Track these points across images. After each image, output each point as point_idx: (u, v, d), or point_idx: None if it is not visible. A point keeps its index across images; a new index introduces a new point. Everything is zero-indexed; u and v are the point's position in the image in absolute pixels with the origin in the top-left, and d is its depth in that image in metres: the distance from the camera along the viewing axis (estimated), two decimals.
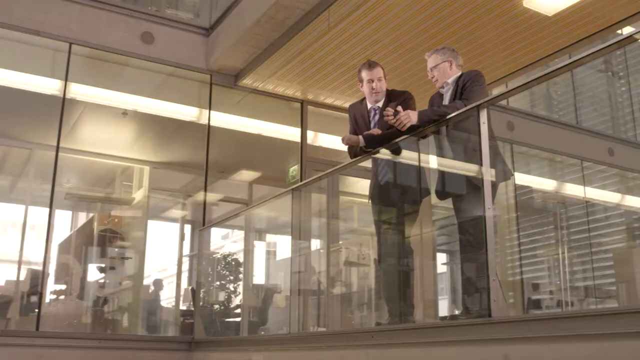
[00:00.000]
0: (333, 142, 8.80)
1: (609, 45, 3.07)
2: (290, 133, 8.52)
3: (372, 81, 4.56)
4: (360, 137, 4.48)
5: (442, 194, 4.27)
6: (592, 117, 12.18)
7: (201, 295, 8.03)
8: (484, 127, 3.59)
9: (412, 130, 4.04)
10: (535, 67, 6.94)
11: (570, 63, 3.43)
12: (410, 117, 3.95)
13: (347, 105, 8.43)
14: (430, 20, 6.26)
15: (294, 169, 8.57)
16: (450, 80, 4.28)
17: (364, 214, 9.88)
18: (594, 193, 11.09)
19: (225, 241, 13.09)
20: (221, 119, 8.12)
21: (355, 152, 4.64)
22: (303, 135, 8.37)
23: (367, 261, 8.55)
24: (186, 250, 9.73)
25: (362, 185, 8.59)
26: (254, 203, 9.37)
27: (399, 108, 4.01)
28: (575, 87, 11.59)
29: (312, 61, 7.23)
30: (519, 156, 9.79)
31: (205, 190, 7.85)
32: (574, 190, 10.99)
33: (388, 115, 3.99)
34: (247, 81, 7.89)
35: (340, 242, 8.02)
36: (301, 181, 8.14)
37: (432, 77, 4.36)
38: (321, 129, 8.68)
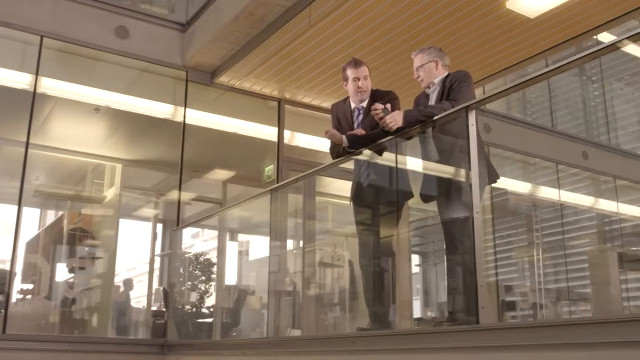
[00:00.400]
0: (310, 141, 8.72)
1: (592, 52, 3.09)
2: (267, 132, 8.39)
3: (358, 79, 4.45)
4: (344, 137, 4.36)
5: (427, 197, 4.18)
6: (566, 120, 12.25)
7: (174, 296, 7.86)
8: (472, 129, 3.51)
9: (397, 131, 3.95)
10: (516, 69, 6.93)
11: (558, 67, 3.36)
12: (396, 120, 3.85)
13: (325, 104, 8.39)
14: (412, 19, 6.19)
15: (270, 169, 8.46)
16: (436, 81, 4.19)
17: (338, 214, 9.86)
18: (567, 196, 11.15)
19: (195, 240, 12.92)
20: (196, 117, 7.94)
21: (337, 152, 4.52)
22: (280, 135, 8.25)
23: (341, 262, 8.52)
24: (158, 249, 9.57)
25: (338, 186, 8.52)
26: (228, 202, 9.26)
27: (388, 106, 3.90)
28: (551, 89, 11.63)
29: (291, 59, 7.11)
30: (494, 158, 9.77)
31: (180, 189, 7.67)
32: (548, 192, 11.03)
33: (376, 110, 3.87)
34: (223, 79, 7.74)
35: (316, 243, 7.94)
36: (277, 181, 8.04)
37: (418, 77, 4.27)
38: (298, 128, 8.57)
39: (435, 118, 3.82)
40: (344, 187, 8.54)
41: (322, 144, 8.77)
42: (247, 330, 7.96)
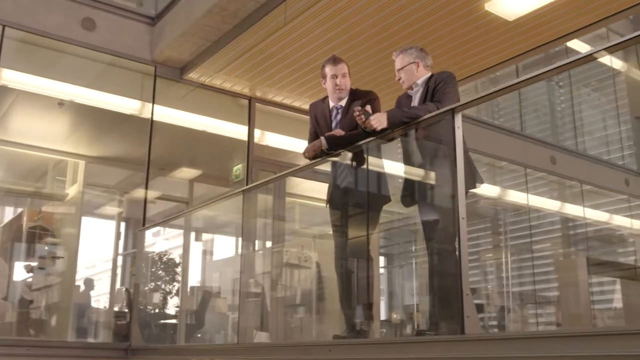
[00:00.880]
0: (281, 141, 8.56)
1: (570, 62, 3.12)
2: (237, 131, 8.20)
3: (336, 77, 4.31)
4: (322, 138, 4.20)
5: (408, 201, 4.05)
6: (535, 124, 12.31)
7: (138, 297, 7.63)
8: (458, 132, 3.40)
9: (379, 132, 3.81)
10: (492, 71, 6.90)
11: (546, 72, 3.28)
12: (380, 121, 3.72)
13: (296, 104, 8.26)
14: (389, 19, 6.08)
15: (238, 168, 8.29)
16: (419, 82, 4.07)
17: (306, 215, 9.75)
18: (535, 200, 11.19)
19: (158, 238, 12.66)
20: (164, 114, 7.72)
21: (315, 154, 4.37)
22: (250, 134, 8.06)
23: (309, 263, 8.40)
24: (121, 249, 9.33)
25: (307, 187, 8.41)
26: (194, 202, 9.07)
27: (368, 108, 3.77)
28: (520, 93, 11.67)
29: (264, 57, 6.94)
30: None
31: (147, 187, 7.45)
32: (516, 196, 11.05)
33: (358, 114, 3.74)
34: (193, 75, 7.53)
35: (284, 244, 7.84)
36: (247, 181, 7.88)
37: (399, 79, 4.15)
38: (269, 127, 8.41)
39: (419, 120, 3.70)
40: (313, 188, 8.50)
41: (293, 144, 8.66)
42: (212, 333, 7.78)
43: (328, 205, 4.47)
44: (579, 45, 12.05)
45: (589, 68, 12.86)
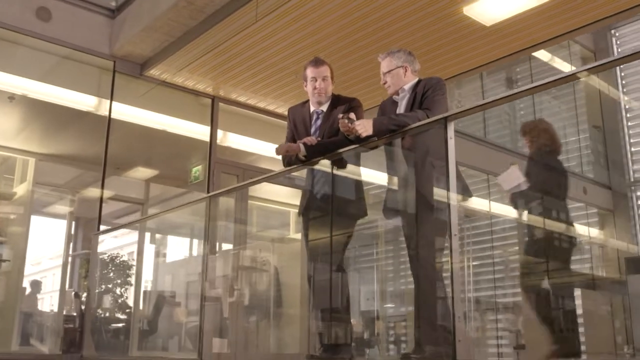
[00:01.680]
0: (244, 143, 8.29)
1: (562, 77, 3.10)
2: (198, 131, 7.88)
3: (316, 80, 4.03)
4: (301, 144, 3.94)
5: (391, 213, 3.83)
6: (496, 129, 12.30)
7: (91, 306, 7.27)
8: (451, 143, 3.20)
9: (363, 139, 3.58)
10: (467, 76, 6.78)
11: (537, 86, 3.15)
12: (366, 128, 3.48)
13: (261, 104, 7.99)
14: (363, 20, 5.89)
15: (197, 170, 7.99)
16: (406, 87, 3.84)
17: (264, 218, 9.51)
18: (496, 207, 11.15)
19: (105, 236, 12.21)
20: (122, 111, 7.35)
21: (289, 160, 4.10)
22: (213, 134, 7.75)
23: (267, 267, 8.19)
24: (72, 249, 8.93)
25: (268, 190, 8.17)
26: (150, 202, 8.75)
27: (352, 115, 3.53)
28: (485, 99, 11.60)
29: (230, 55, 6.65)
30: None
31: (103, 187, 7.08)
32: (477, 203, 10.99)
33: (342, 118, 3.50)
34: (154, 71, 7.18)
35: (245, 247, 7.63)
36: (207, 183, 7.59)
37: (385, 83, 3.91)
38: (232, 128, 8.11)
39: (407, 128, 3.48)
40: (272, 190, 8.28)
41: (257, 146, 8.41)
42: (165, 339, 7.48)
43: (301, 216, 4.21)
44: (542, 54, 12.18)
45: (551, 75, 12.91)
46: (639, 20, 12.07)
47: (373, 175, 4.40)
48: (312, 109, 4.12)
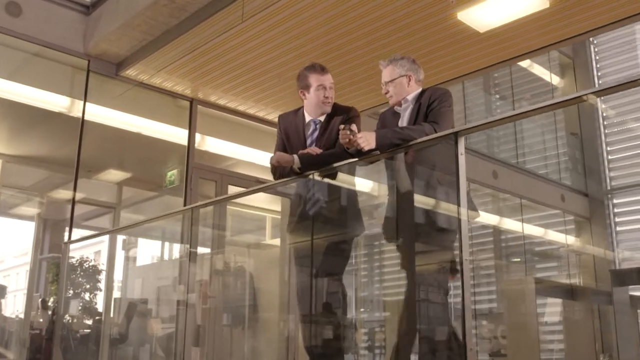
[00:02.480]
0: (223, 147, 8.02)
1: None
2: (174, 134, 7.58)
3: (325, 88, 3.77)
4: (295, 156, 3.67)
5: (392, 233, 3.59)
6: (474, 135, 12.17)
7: (60, 312, 6.95)
8: (461, 159, 2.98)
9: (364, 153, 3.34)
10: (457, 82, 6.61)
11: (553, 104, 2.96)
12: (368, 141, 3.24)
13: (241, 108, 7.70)
14: (354, 22, 5.66)
15: (173, 174, 7.70)
16: (410, 97, 3.60)
17: (239, 224, 9.26)
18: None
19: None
20: (96, 112, 7.00)
21: (281, 171, 3.82)
22: (191, 138, 7.44)
23: (241, 271, 8.01)
24: (40, 253, 8.59)
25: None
26: (122, 206, 8.44)
27: (354, 127, 3.28)
28: (467, 107, 11.50)
29: (212, 56, 6.36)
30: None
31: (75, 189, 6.75)
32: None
33: (342, 131, 3.25)
34: (131, 72, 6.84)
35: (222, 254, 7.43)
36: (185, 189, 7.31)
37: (386, 92, 3.67)
38: (210, 131, 7.82)
39: (413, 143, 3.24)
40: (250, 197, 8.03)
41: (236, 151, 8.14)
42: (136, 347, 7.20)
43: (290, 234, 3.93)
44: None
45: (529, 81, 12.89)
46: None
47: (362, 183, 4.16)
48: (307, 118, 3.85)
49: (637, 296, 5.19)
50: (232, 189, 7.70)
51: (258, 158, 8.09)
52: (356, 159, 3.45)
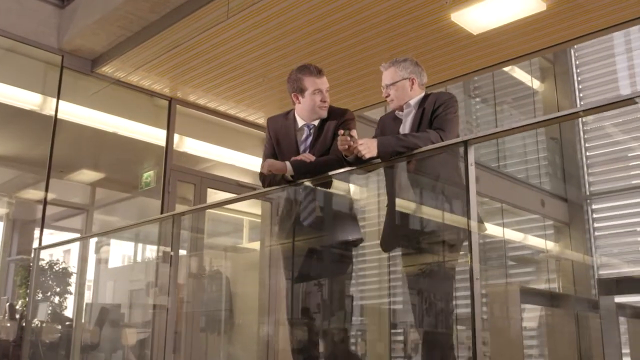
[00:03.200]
0: (202, 149, 7.76)
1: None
2: (152, 134, 7.30)
3: (321, 92, 3.52)
4: (287, 163, 3.42)
5: (391, 244, 3.36)
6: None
7: (30, 318, 6.69)
8: (471, 170, 2.77)
9: (364, 161, 3.11)
10: (448, 84, 6.44)
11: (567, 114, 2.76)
12: (370, 148, 3.01)
13: (222, 108, 7.43)
14: (345, 21, 5.44)
15: (149, 175, 7.43)
16: (412, 102, 3.38)
17: (215, 227, 9.03)
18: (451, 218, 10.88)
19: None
20: (69, 111, 6.70)
21: (271, 180, 3.57)
22: (169, 138, 7.16)
23: (218, 275, 7.84)
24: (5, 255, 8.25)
25: (222, 197, 7.66)
26: (96, 207, 8.15)
27: (354, 132, 3.05)
28: None
29: (193, 54, 6.11)
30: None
31: (47, 190, 6.47)
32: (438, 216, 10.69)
33: (342, 137, 3.02)
34: (107, 69, 6.55)
35: (199, 258, 7.23)
36: (162, 191, 7.05)
37: (387, 96, 3.44)
38: (189, 132, 7.55)
39: (418, 151, 3.02)
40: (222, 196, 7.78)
41: (216, 153, 7.89)
42: (108, 353, 6.92)
43: (281, 246, 3.68)
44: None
45: (510, 85, 12.81)
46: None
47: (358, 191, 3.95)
48: (299, 122, 3.60)
49: (621, 303, 5.15)
50: (211, 193, 7.45)
51: (238, 160, 7.85)
52: (354, 168, 3.22)
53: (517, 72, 12.93)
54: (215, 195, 7.49)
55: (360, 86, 6.65)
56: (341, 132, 3.04)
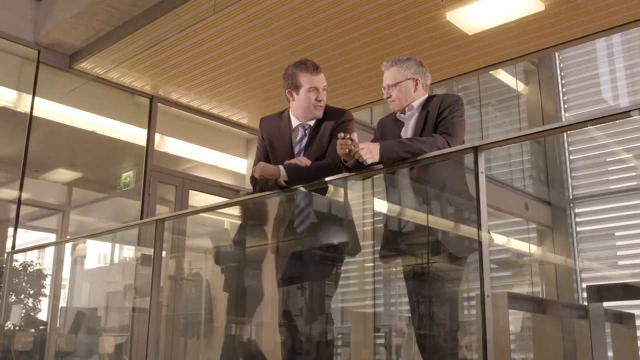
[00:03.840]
0: (184, 149, 7.53)
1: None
2: (132, 133, 7.05)
3: (317, 90, 3.32)
4: (281, 167, 3.21)
5: (391, 256, 3.17)
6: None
7: (0, 320, 6.44)
8: (482, 178, 2.59)
9: (364, 167, 2.91)
10: (440, 85, 6.27)
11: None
12: (372, 153, 2.81)
13: (205, 107, 7.20)
14: (337, 18, 5.24)
15: (128, 176, 7.19)
16: (415, 104, 3.18)
17: (194, 228, 8.82)
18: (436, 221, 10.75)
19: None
20: (45, 108, 6.43)
21: (263, 185, 3.35)
22: (150, 138, 6.91)
23: (197, 278, 7.67)
24: None
25: (202, 198, 7.45)
26: (72, 208, 7.89)
27: (355, 136, 2.84)
28: None
29: (176, 51, 5.86)
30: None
31: (21, 189, 6.24)
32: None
33: (342, 140, 2.82)
34: (86, 65, 6.28)
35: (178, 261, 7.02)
36: (143, 193, 6.81)
37: (389, 97, 3.24)
38: (170, 132, 7.31)
39: (422, 157, 2.82)
40: (208, 200, 7.57)
41: (198, 153, 7.66)
42: (84, 358, 6.70)
43: (274, 254, 3.47)
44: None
45: (494, 86, 12.73)
46: None
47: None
48: (294, 122, 3.38)
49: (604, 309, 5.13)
50: (193, 194, 7.22)
51: (221, 161, 7.63)
52: (353, 174, 3.02)
53: (502, 74, 12.85)
54: (196, 197, 7.26)
55: (347, 87, 6.47)
56: (341, 135, 2.84)
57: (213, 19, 5.23)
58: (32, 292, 8.38)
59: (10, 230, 6.50)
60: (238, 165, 7.89)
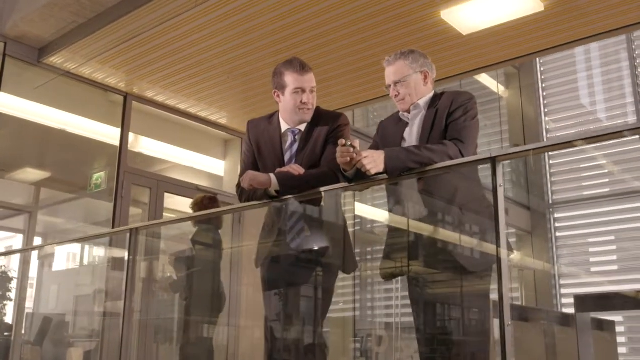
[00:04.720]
0: (159, 149, 7.23)
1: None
2: (104, 132, 6.75)
3: (303, 91, 3.02)
4: (272, 176, 2.91)
5: (394, 273, 2.89)
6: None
7: None
8: (500, 191, 2.33)
9: (366, 178, 2.64)
10: (436, 86, 6.05)
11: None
12: (376, 162, 2.53)
13: (182, 106, 6.90)
14: (325, 15, 4.98)
15: (99, 177, 6.90)
16: (421, 103, 2.89)
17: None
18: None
19: None
20: (11, 104, 6.10)
21: (251, 194, 3.05)
22: (123, 137, 6.59)
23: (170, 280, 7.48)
24: None
25: (178, 200, 7.16)
26: (40, 209, 7.55)
27: (356, 143, 2.56)
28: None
29: (153, 46, 5.57)
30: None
31: None
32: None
33: (343, 147, 2.54)
34: (56, 59, 5.95)
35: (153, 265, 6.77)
36: (115, 195, 6.51)
37: (396, 95, 2.92)
38: (145, 131, 7.01)
39: (431, 168, 2.54)
40: (184, 202, 7.30)
41: (174, 154, 7.37)
42: None
43: (260, 267, 3.17)
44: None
45: (475, 89, 12.58)
46: None
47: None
48: (284, 127, 3.09)
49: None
50: (169, 197, 6.91)
51: (198, 163, 7.36)
52: (352, 184, 2.74)
53: (483, 77, 12.71)
54: (171, 200, 6.96)
55: (332, 87, 6.23)
56: (342, 142, 2.56)
57: (192, 13, 4.95)
58: None
59: None
60: (216, 167, 7.61)
